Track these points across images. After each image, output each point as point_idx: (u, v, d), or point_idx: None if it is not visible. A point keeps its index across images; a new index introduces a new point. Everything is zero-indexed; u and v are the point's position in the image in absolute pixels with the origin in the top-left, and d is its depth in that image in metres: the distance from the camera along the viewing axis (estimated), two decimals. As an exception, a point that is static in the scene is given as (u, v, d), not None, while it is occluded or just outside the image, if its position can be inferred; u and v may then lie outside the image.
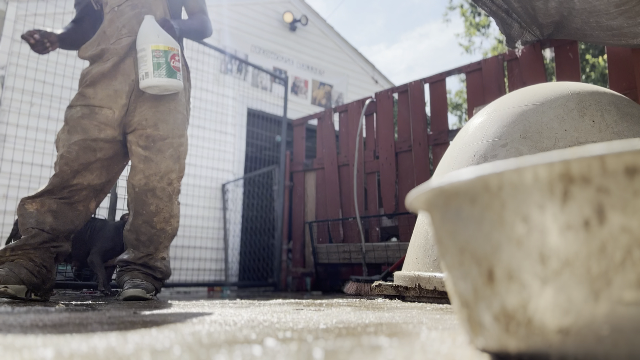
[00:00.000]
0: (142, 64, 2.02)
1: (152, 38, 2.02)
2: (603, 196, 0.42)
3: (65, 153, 2.04)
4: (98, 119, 2.09)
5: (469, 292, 0.53)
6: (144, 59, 2.02)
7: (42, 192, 2.02)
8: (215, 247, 5.47)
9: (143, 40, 2.02)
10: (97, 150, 2.09)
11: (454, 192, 0.52)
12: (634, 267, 0.41)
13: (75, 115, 2.09)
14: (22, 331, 0.78)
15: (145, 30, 2.04)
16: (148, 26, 2.04)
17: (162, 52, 2.01)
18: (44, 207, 2.00)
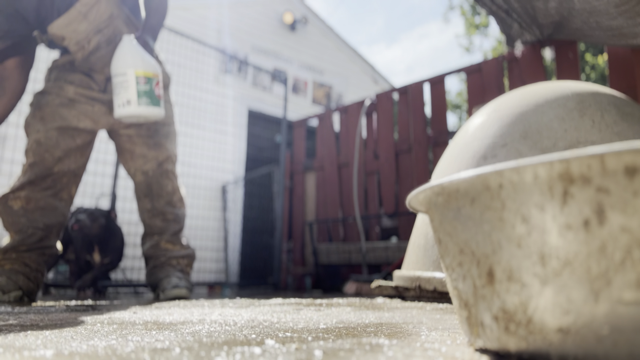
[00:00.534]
0: (122, 89, 1.81)
1: (136, 62, 1.82)
2: (603, 196, 0.42)
3: (43, 139, 1.95)
4: (77, 108, 2.02)
5: (469, 292, 0.53)
6: (123, 84, 1.81)
7: (23, 185, 1.91)
8: (215, 247, 5.47)
9: (123, 64, 1.81)
10: (75, 136, 2.04)
11: (454, 191, 0.52)
12: (633, 267, 0.41)
13: (53, 103, 1.98)
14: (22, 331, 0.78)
15: (126, 52, 1.82)
16: (129, 48, 1.83)
17: (147, 79, 1.83)
18: (30, 203, 1.92)
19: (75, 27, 1.89)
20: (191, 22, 5.89)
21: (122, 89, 1.82)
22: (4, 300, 1.74)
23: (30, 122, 2.00)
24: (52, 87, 2.03)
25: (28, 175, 1.94)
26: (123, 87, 1.82)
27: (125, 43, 1.85)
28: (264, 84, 6.56)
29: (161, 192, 2.20)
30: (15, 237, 1.91)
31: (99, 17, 1.92)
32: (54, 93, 2.01)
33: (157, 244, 2.20)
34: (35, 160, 1.94)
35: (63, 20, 1.87)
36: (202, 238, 5.28)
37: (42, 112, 1.99)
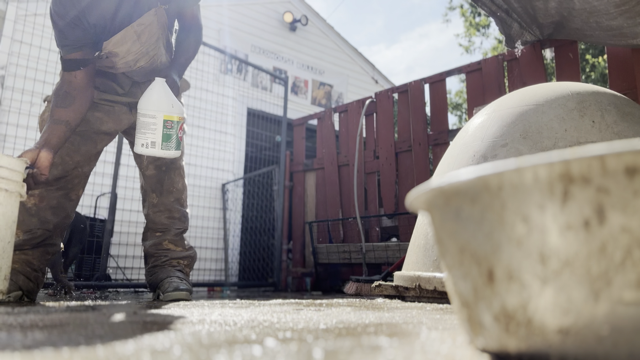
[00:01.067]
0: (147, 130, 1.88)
1: (166, 107, 1.89)
2: (603, 196, 0.42)
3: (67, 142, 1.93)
4: (100, 109, 2.02)
5: (469, 292, 0.53)
6: (151, 126, 1.88)
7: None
8: (215, 247, 5.47)
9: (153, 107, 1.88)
10: (97, 142, 2.05)
11: (454, 192, 0.52)
12: (634, 267, 0.41)
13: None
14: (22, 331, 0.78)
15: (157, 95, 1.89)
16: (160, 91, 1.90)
17: (174, 122, 1.90)
18: (43, 202, 1.91)
19: (128, 47, 1.92)
20: (191, 22, 5.88)
21: (149, 131, 1.89)
22: (4, 301, 1.74)
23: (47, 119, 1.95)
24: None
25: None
26: (150, 129, 1.89)
27: (158, 85, 1.91)
28: (263, 84, 6.56)
29: (171, 188, 2.20)
30: (22, 237, 1.89)
31: (149, 39, 1.96)
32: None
33: (160, 243, 2.20)
34: (54, 162, 1.90)
35: (119, 37, 1.89)
36: (202, 238, 5.28)
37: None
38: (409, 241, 2.89)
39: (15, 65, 4.50)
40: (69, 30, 1.80)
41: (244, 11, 6.55)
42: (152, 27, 1.94)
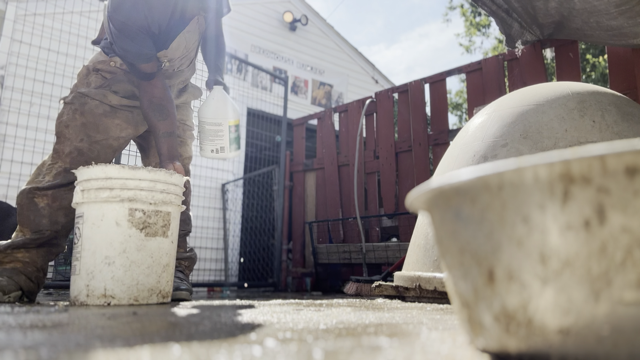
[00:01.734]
0: (216, 137, 2.08)
1: (229, 114, 2.08)
2: (603, 196, 0.42)
3: (86, 150, 1.97)
4: (119, 116, 2.05)
5: (469, 292, 0.53)
6: (218, 133, 2.08)
7: (53, 186, 1.92)
8: (215, 247, 5.47)
9: (219, 115, 2.06)
10: (116, 149, 2.08)
11: (454, 192, 0.52)
12: (634, 267, 0.41)
13: (96, 111, 2.00)
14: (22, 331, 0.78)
15: (221, 104, 2.07)
16: (222, 99, 2.08)
17: (236, 127, 2.10)
18: (56, 202, 1.92)
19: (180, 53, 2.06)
20: (191, 22, 5.89)
21: (217, 137, 2.09)
22: (4, 301, 1.74)
23: (70, 124, 1.99)
24: (95, 93, 2.03)
25: (61, 178, 1.94)
26: (218, 136, 2.09)
27: (219, 94, 2.10)
28: (263, 84, 6.56)
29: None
30: (30, 236, 1.90)
31: (193, 45, 2.11)
32: (97, 99, 2.02)
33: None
34: (72, 167, 1.94)
35: (175, 44, 2.01)
36: (202, 238, 5.28)
37: (85, 118, 1.99)
38: (409, 241, 2.89)
39: (15, 65, 4.50)
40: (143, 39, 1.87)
41: (244, 11, 6.54)
42: (195, 34, 2.08)
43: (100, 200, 1.65)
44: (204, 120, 2.10)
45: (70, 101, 2.01)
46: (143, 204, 1.67)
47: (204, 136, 2.10)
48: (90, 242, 1.63)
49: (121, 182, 1.66)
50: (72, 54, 4.60)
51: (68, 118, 1.99)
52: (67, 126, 1.98)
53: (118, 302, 1.60)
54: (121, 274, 1.61)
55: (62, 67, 4.47)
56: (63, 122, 1.99)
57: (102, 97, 2.03)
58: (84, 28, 4.66)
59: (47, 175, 1.94)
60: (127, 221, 1.64)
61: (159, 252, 1.70)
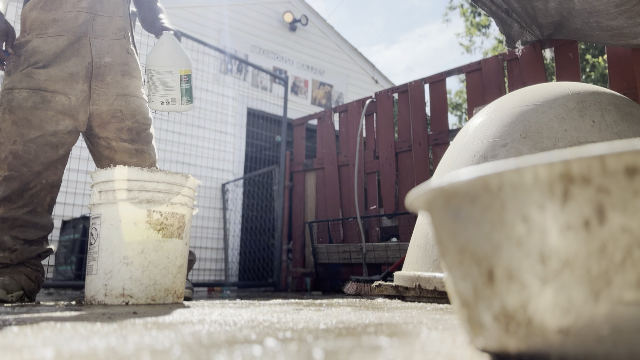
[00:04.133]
0: (166, 87, 1.91)
1: (181, 62, 1.91)
2: (603, 196, 0.42)
3: (21, 152, 1.78)
4: (53, 107, 1.82)
5: (469, 292, 0.53)
6: (169, 83, 1.90)
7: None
8: (215, 247, 5.47)
9: (169, 63, 1.89)
10: (58, 146, 1.86)
11: (454, 192, 0.52)
12: (634, 267, 0.41)
13: (25, 105, 1.79)
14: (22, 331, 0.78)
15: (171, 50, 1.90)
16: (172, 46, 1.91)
17: (187, 77, 1.93)
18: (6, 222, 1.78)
19: None
20: (191, 22, 5.89)
21: (167, 88, 1.92)
22: (7, 300, 1.74)
23: (1, 127, 1.79)
24: (19, 80, 1.80)
25: (2, 189, 1.77)
26: (168, 86, 1.92)
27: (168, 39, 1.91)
28: (263, 84, 6.56)
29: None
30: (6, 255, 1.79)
31: None
32: (24, 88, 1.80)
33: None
34: (11, 174, 1.77)
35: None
36: (202, 238, 5.28)
37: (14, 115, 1.79)
38: (409, 241, 2.89)
39: (15, 65, 4.50)
40: None
41: (244, 11, 6.54)
42: None
43: (119, 201, 1.67)
44: (152, 69, 1.91)
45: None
46: (160, 205, 1.70)
47: (153, 86, 1.92)
48: (108, 243, 1.65)
49: (140, 184, 1.69)
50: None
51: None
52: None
53: (136, 302, 1.63)
54: (139, 274, 1.64)
55: (62, 67, 4.47)
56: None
57: (27, 82, 1.80)
58: (84, 28, 4.66)
59: None
60: (146, 222, 1.67)
61: (174, 253, 1.73)
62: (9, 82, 1.83)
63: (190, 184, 1.81)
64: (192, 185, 1.83)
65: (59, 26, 1.85)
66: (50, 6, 1.85)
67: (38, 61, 1.82)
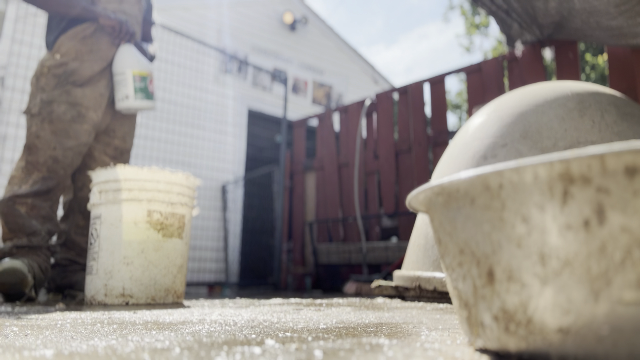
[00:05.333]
0: (121, 86, 2.12)
1: (133, 63, 2.13)
2: (603, 196, 0.42)
3: (60, 158, 1.98)
4: (88, 122, 2.05)
5: (469, 292, 0.53)
6: (122, 82, 2.12)
7: (30, 194, 1.93)
8: (215, 247, 5.47)
9: (122, 64, 2.12)
10: (83, 154, 2.10)
11: (454, 192, 0.52)
12: (634, 267, 0.41)
13: (64, 117, 2.01)
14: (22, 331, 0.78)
15: (125, 55, 2.14)
16: (128, 52, 2.15)
17: (141, 77, 2.14)
18: (34, 211, 1.94)
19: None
20: (191, 22, 5.89)
21: (122, 86, 2.12)
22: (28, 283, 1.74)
23: (40, 135, 1.99)
24: (59, 94, 2.02)
25: (38, 186, 1.95)
26: (122, 84, 2.12)
27: (124, 48, 2.16)
28: (264, 84, 6.56)
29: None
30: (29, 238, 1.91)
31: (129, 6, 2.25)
32: (63, 101, 2.02)
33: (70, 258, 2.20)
34: (50, 175, 1.97)
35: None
36: (202, 238, 5.28)
37: (54, 126, 1.99)
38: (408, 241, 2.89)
39: (15, 65, 4.50)
40: None
41: (244, 11, 6.54)
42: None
43: (119, 201, 1.67)
44: (113, 73, 2.15)
45: (37, 112, 2.01)
46: (160, 205, 1.71)
47: (115, 89, 2.15)
48: (108, 243, 1.66)
49: (140, 184, 1.69)
50: (72, 54, 4.60)
51: (37, 129, 2.00)
52: (37, 137, 1.99)
53: (136, 302, 1.62)
54: (139, 273, 1.64)
55: (62, 67, 4.47)
56: (33, 134, 2.00)
57: (66, 97, 2.02)
58: (84, 28, 4.65)
59: (23, 185, 1.95)
60: (146, 222, 1.68)
61: (174, 253, 1.73)
62: (48, 96, 2.03)
63: (190, 183, 1.81)
64: (192, 185, 1.83)
65: (95, 55, 2.10)
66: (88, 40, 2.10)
67: (76, 81, 2.06)
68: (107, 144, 2.22)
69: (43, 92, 2.03)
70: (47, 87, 2.03)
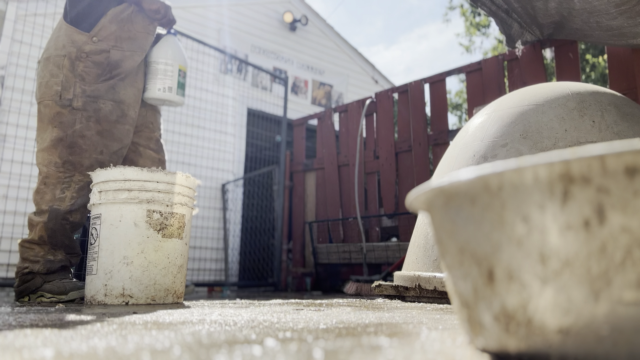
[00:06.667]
0: (166, 76, 2.09)
1: (180, 57, 2.13)
2: (603, 196, 0.42)
3: (107, 162, 1.93)
4: (128, 121, 1.99)
5: (469, 292, 0.53)
6: (168, 73, 2.09)
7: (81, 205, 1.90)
8: (215, 247, 5.47)
9: (170, 55, 2.10)
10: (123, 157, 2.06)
11: (454, 192, 0.52)
12: (634, 267, 0.41)
13: (110, 118, 1.93)
14: (22, 331, 0.78)
15: (172, 46, 2.13)
16: (174, 43, 2.14)
17: (184, 73, 2.15)
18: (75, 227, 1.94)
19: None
20: (191, 22, 5.89)
21: (167, 77, 2.09)
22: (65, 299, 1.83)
23: (86, 134, 1.89)
24: (105, 91, 1.93)
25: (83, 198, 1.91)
26: (168, 75, 2.09)
27: (172, 39, 2.15)
28: (263, 84, 6.56)
29: None
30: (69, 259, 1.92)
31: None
32: (109, 100, 1.93)
33: None
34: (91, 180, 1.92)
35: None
36: (202, 238, 5.28)
37: (100, 126, 1.92)
38: (409, 241, 2.89)
39: (15, 65, 4.50)
40: None
41: (244, 11, 6.54)
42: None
43: (119, 201, 1.68)
44: (155, 60, 2.11)
45: (82, 107, 1.88)
46: (160, 205, 1.71)
47: (153, 76, 2.10)
48: (108, 243, 1.66)
49: (139, 184, 1.69)
50: (72, 54, 4.59)
51: (82, 127, 1.88)
52: (82, 136, 1.88)
53: (136, 302, 1.63)
54: (139, 273, 1.64)
55: (62, 67, 4.46)
56: (77, 132, 1.87)
57: (112, 94, 1.92)
58: (84, 28, 4.65)
59: (67, 191, 1.87)
60: (146, 222, 1.68)
61: (174, 253, 1.73)
62: (94, 91, 1.90)
63: (190, 184, 1.82)
64: (192, 185, 1.83)
65: (132, 44, 1.99)
66: (127, 24, 1.98)
67: (119, 74, 1.96)
68: (149, 138, 2.15)
69: (83, 81, 1.89)
70: (88, 77, 1.90)
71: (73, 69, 1.89)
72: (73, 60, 1.89)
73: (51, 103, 1.87)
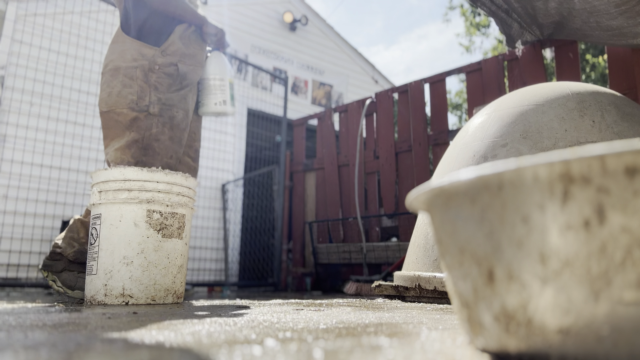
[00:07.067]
0: (219, 91, 2.21)
1: (229, 72, 2.25)
2: (603, 196, 0.42)
3: (173, 166, 2.01)
4: (187, 129, 2.09)
5: (469, 292, 0.53)
6: (222, 87, 2.22)
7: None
8: (215, 247, 5.47)
9: (222, 71, 2.23)
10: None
11: (454, 192, 0.52)
12: (634, 267, 0.41)
13: (181, 125, 2.04)
14: (22, 331, 0.78)
15: (222, 62, 2.26)
16: (223, 59, 2.27)
17: (232, 85, 2.26)
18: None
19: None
20: (191, 22, 5.88)
21: (220, 91, 2.22)
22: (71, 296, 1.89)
23: (160, 138, 1.97)
24: (179, 100, 2.04)
25: None
26: (221, 90, 2.22)
27: (219, 55, 2.29)
28: (263, 84, 6.55)
29: None
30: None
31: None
32: (181, 108, 2.04)
33: None
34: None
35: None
36: (202, 238, 5.28)
37: (172, 132, 2.01)
38: (409, 241, 2.89)
39: (15, 65, 4.50)
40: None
41: (244, 11, 6.54)
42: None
43: (119, 201, 1.68)
44: (208, 77, 2.22)
45: (158, 113, 1.98)
46: (160, 205, 1.71)
47: (207, 92, 2.22)
48: (108, 243, 1.66)
49: (139, 184, 1.69)
50: (72, 54, 4.59)
51: (158, 131, 1.97)
52: (157, 140, 1.97)
53: (136, 302, 1.63)
54: (139, 274, 1.65)
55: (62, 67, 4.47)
56: (153, 135, 1.96)
57: (184, 104, 2.05)
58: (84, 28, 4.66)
59: None
60: (145, 222, 1.68)
61: (174, 253, 1.74)
62: (168, 99, 2.01)
63: (190, 184, 1.82)
64: (191, 185, 1.84)
65: (193, 59, 2.14)
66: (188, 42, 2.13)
67: (187, 85, 2.09)
68: (190, 147, 2.24)
69: (157, 91, 1.99)
70: (161, 87, 2.00)
71: (147, 80, 1.99)
72: (146, 71, 1.99)
73: (126, 110, 1.96)
